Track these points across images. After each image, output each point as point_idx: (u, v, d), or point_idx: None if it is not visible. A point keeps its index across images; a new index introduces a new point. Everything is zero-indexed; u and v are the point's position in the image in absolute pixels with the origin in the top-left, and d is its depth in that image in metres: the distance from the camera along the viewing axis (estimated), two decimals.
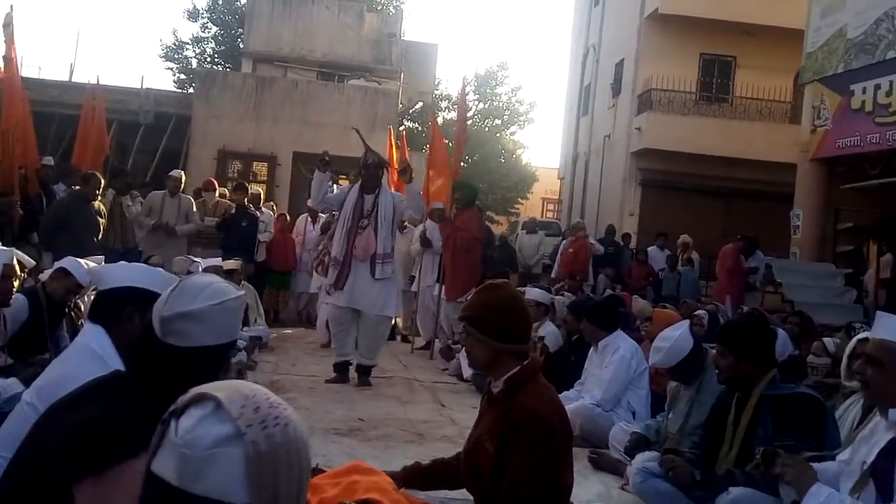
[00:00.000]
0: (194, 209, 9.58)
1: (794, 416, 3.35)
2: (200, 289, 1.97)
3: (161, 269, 2.78)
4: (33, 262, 5.39)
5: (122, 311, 2.56)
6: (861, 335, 3.95)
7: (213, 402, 1.20)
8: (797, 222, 13.96)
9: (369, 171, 6.94)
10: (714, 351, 3.74)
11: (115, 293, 2.65)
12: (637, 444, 4.45)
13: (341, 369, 6.96)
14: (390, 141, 10.85)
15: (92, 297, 3.37)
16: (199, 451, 1.16)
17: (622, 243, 14.83)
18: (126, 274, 2.74)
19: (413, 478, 3.00)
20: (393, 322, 9.59)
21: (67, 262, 4.83)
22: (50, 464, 1.76)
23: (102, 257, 5.72)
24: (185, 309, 1.93)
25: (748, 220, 16.19)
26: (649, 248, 13.63)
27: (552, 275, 13.06)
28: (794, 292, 11.55)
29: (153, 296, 2.51)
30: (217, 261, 7.69)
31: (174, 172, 9.91)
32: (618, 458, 4.64)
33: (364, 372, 6.96)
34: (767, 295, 11.58)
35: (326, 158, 6.91)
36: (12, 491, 1.80)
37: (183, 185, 9.70)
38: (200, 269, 6.78)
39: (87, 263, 4.86)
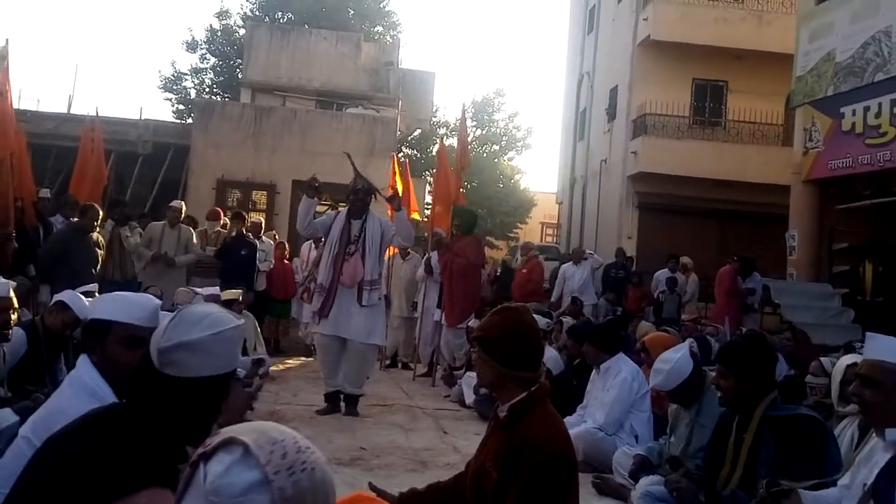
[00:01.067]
0: (194, 240, 9.55)
1: (796, 438, 3.37)
2: (199, 319, 1.94)
3: (146, 298, 2.79)
4: (28, 284, 5.36)
5: (87, 341, 2.61)
6: (848, 359, 3.98)
7: (242, 447, 1.21)
8: (793, 243, 14.04)
9: (357, 197, 6.84)
10: (714, 373, 3.76)
11: (85, 325, 2.72)
12: (640, 468, 4.45)
13: (332, 399, 6.85)
14: (394, 168, 10.91)
15: None
16: (227, 499, 1.18)
17: (632, 267, 14.84)
18: (96, 305, 2.77)
19: (410, 502, 3.00)
20: (380, 350, 9.63)
21: (66, 295, 4.81)
22: (44, 502, 1.73)
23: (96, 286, 5.71)
24: (182, 339, 1.89)
25: (744, 241, 16.30)
26: (658, 272, 13.60)
27: (552, 298, 13.04)
28: (792, 313, 11.58)
29: (109, 325, 2.57)
30: (215, 290, 7.67)
31: (174, 203, 9.88)
32: (622, 483, 4.64)
33: (351, 402, 6.82)
34: (766, 316, 11.60)
35: (315, 184, 6.78)
36: None
37: (183, 216, 9.69)
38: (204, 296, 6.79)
39: (83, 296, 4.86)
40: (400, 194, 7.22)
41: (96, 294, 5.01)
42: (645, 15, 18.50)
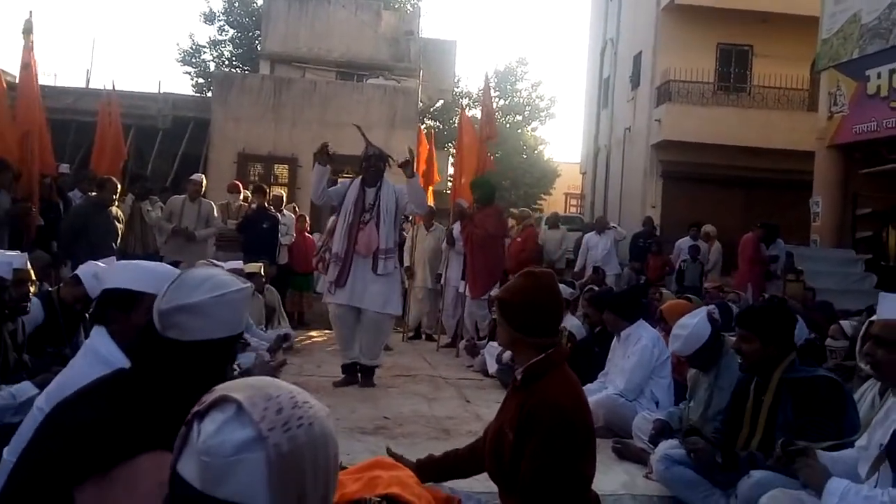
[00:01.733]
0: (215, 213, 9.60)
1: (814, 399, 3.36)
2: (200, 282, 1.92)
3: (160, 267, 2.78)
4: (47, 258, 5.39)
5: (107, 312, 2.60)
6: (874, 318, 3.94)
7: (235, 404, 1.18)
8: (816, 209, 13.88)
9: (370, 164, 6.69)
10: (735, 337, 3.74)
11: (106, 294, 2.71)
12: (661, 432, 4.45)
13: (349, 371, 6.79)
14: (421, 139, 10.88)
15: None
16: (220, 459, 1.15)
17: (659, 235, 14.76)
18: (118, 275, 2.76)
19: (426, 469, 3.01)
20: (403, 321, 9.66)
21: (83, 269, 4.86)
22: (51, 467, 1.75)
23: (114, 258, 5.75)
24: (183, 302, 1.88)
25: (768, 208, 16.12)
26: (680, 240, 13.51)
27: (575, 268, 12.99)
28: (815, 279, 11.48)
29: (137, 295, 2.55)
30: (238, 264, 7.71)
31: (195, 176, 9.92)
32: (642, 448, 4.65)
33: (367, 373, 6.78)
34: (789, 283, 11.50)
35: (328, 151, 6.65)
36: (15, 495, 1.79)
37: (204, 189, 9.73)
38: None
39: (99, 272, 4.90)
40: (413, 161, 6.93)
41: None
42: None
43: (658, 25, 18.83)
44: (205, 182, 9.92)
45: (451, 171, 20.26)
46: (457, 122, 30.68)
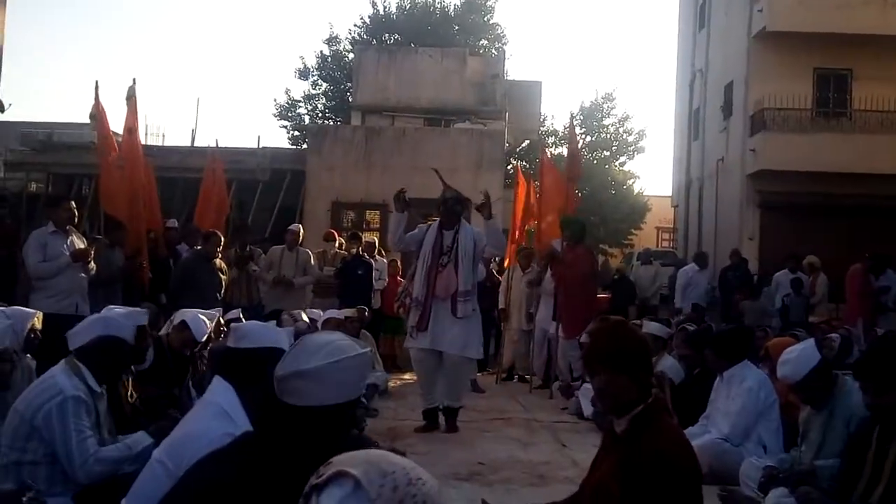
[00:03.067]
0: (312, 261, 9.86)
1: None
2: (319, 347, 1.95)
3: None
4: (155, 310, 5.64)
5: (266, 370, 2.56)
6: None
7: (352, 480, 1.21)
8: None
9: (447, 207, 6.70)
10: (865, 387, 3.49)
11: (258, 352, 2.70)
12: (771, 480, 4.25)
13: (430, 416, 6.75)
14: (519, 178, 10.98)
15: (220, 351, 3.52)
16: None
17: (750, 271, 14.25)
18: (265, 333, 2.82)
19: None
20: (489, 361, 9.53)
21: (189, 315, 5.06)
22: None
23: (219, 311, 5.95)
24: (300, 368, 1.91)
25: (877, 237, 15.33)
26: (778, 273, 13.01)
27: (675, 304, 12.66)
28: None
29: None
30: (336, 313, 7.87)
31: (292, 227, 10.22)
32: (750, 496, 4.46)
33: (450, 415, 6.73)
34: None
35: (404, 197, 6.71)
36: None
37: (301, 239, 10.01)
38: (306, 320, 6.95)
39: (206, 318, 5.09)
40: (490, 203, 6.82)
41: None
42: (760, 6, 17.78)
43: (749, 54, 18.43)
44: (302, 231, 10.21)
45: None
46: (542, 164, 30.73)
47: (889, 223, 16.09)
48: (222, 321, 6.16)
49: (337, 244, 10.88)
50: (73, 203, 7.23)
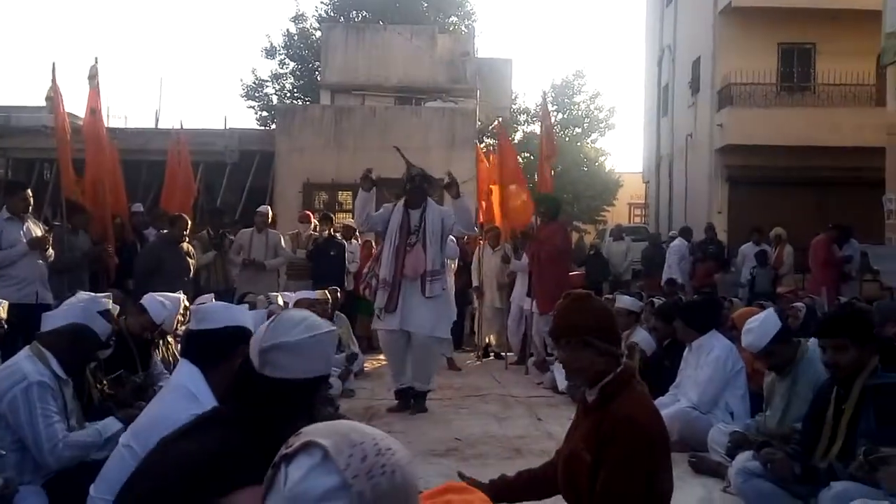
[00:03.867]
0: (283, 243, 9.81)
1: None
2: (296, 322, 2.03)
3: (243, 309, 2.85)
4: (121, 296, 5.60)
5: (234, 350, 2.55)
6: None
7: (321, 451, 1.22)
8: (890, 206, 13.38)
9: (414, 185, 6.60)
10: (821, 346, 3.59)
11: (220, 332, 2.71)
12: (738, 445, 4.35)
13: (402, 396, 6.71)
14: (479, 157, 10.96)
15: (184, 334, 3.51)
16: None
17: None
18: (226, 313, 2.82)
19: (499, 490, 3.01)
20: (465, 339, 9.52)
21: (146, 299, 5.03)
22: (153, 501, 1.84)
23: (182, 293, 5.90)
24: (282, 340, 1.99)
25: (841, 208, 15.63)
26: (743, 246, 13.24)
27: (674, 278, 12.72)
28: (892, 278, 11.06)
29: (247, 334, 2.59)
30: (308, 293, 7.82)
31: (261, 208, 10.13)
32: (718, 461, 4.57)
33: (419, 398, 6.67)
34: (865, 283, 11.13)
35: (371, 176, 6.61)
36: None
37: (270, 220, 9.94)
38: (282, 304, 6.88)
39: (167, 301, 5.06)
40: (456, 182, 6.66)
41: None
42: None
43: (716, 29, 18.55)
44: (271, 213, 10.14)
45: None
46: (517, 138, 30.62)
47: (852, 194, 16.33)
48: (188, 305, 6.13)
49: (312, 226, 10.80)
50: (29, 192, 7.06)
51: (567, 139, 31.91)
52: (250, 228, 9.85)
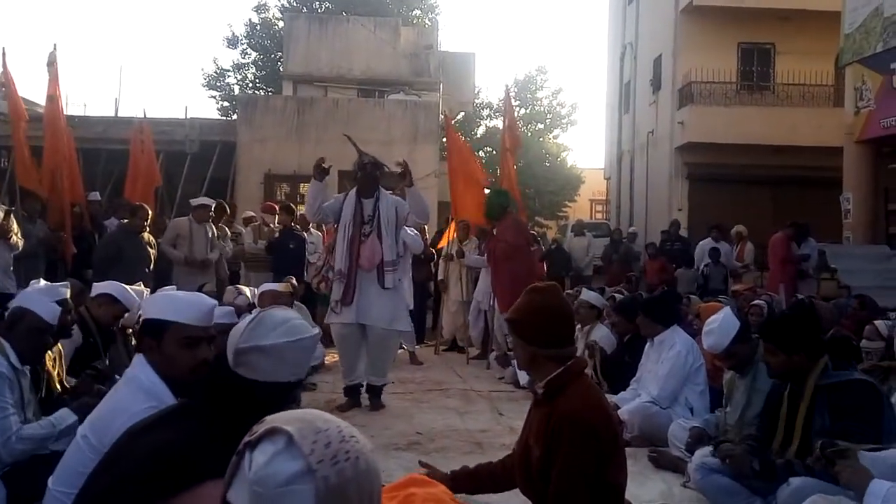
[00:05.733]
0: (216, 234, 9.27)
1: (850, 404, 3.32)
2: (277, 324, 1.99)
3: (200, 298, 2.80)
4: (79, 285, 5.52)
5: (143, 340, 2.62)
6: None
7: (285, 437, 1.22)
8: (847, 206, 13.73)
9: (366, 173, 6.34)
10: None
11: (143, 323, 2.74)
12: (698, 440, 4.42)
13: (353, 393, 6.47)
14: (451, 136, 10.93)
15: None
16: (270, 489, 1.19)
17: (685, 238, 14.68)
18: (156, 305, 2.76)
19: (460, 480, 3.03)
20: (427, 332, 9.39)
21: (112, 287, 4.96)
22: (119, 491, 1.81)
23: (142, 283, 5.82)
24: (259, 343, 1.95)
25: (799, 207, 15.93)
26: (702, 242, 13.42)
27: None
28: (849, 277, 11.33)
29: (167, 325, 2.57)
30: (273, 286, 7.71)
31: (205, 200, 9.48)
32: (678, 456, 4.61)
33: (375, 393, 6.48)
34: (823, 282, 11.37)
35: (324, 166, 6.33)
36: None
37: (228, 212, 9.60)
38: (249, 296, 6.78)
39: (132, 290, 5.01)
40: (409, 171, 6.45)
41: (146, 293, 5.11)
42: None
43: (677, 27, 18.76)
44: (213, 205, 9.50)
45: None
46: (479, 133, 30.59)
47: (810, 193, 16.68)
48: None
49: (276, 218, 10.64)
50: None
51: (529, 134, 32.10)
52: (185, 217, 9.24)
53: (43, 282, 4.07)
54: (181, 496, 1.71)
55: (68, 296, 4.08)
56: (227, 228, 9.94)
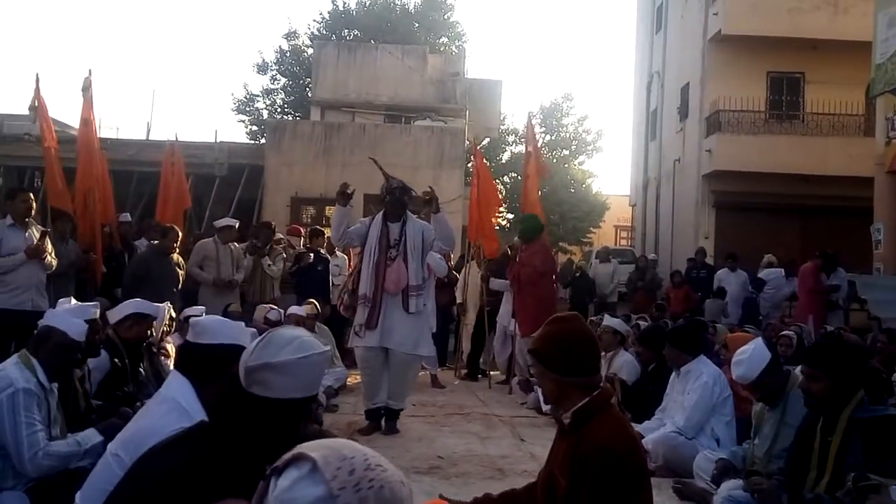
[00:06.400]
0: (242, 254, 9.33)
1: (886, 441, 3.24)
2: (287, 342, 1.99)
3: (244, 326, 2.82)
4: (108, 305, 5.60)
5: (229, 368, 2.50)
6: None
7: (310, 463, 1.23)
8: (878, 237, 13.55)
9: (394, 197, 6.31)
10: (801, 373, 3.64)
11: (217, 349, 2.69)
12: (724, 472, 4.34)
13: (374, 416, 6.42)
14: (479, 166, 11.00)
15: (180, 346, 3.49)
16: None
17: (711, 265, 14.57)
18: (226, 330, 2.79)
19: None
20: (448, 356, 9.34)
21: (134, 305, 5.01)
22: None
23: (168, 305, 5.88)
24: (269, 360, 1.95)
25: (828, 237, 15.73)
26: (719, 272, 13.29)
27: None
28: (879, 308, 11.15)
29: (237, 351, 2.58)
30: (298, 310, 7.78)
31: (229, 221, 9.56)
32: (703, 487, 4.54)
33: (392, 417, 6.41)
34: (852, 313, 11.18)
35: (348, 191, 6.33)
36: None
37: (235, 234, 9.38)
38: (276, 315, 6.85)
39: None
40: (436, 197, 6.47)
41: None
42: (715, 10, 18.12)
43: (705, 56, 18.74)
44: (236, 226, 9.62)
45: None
46: (504, 158, 30.63)
47: (839, 223, 16.49)
48: (174, 315, 6.09)
49: (301, 241, 10.73)
50: (30, 194, 7.05)
51: (555, 160, 32.16)
52: (210, 239, 9.30)
53: (73, 301, 4.13)
54: None
55: (97, 315, 4.13)
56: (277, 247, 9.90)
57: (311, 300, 8.35)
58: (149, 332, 4.99)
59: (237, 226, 9.49)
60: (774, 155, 16.95)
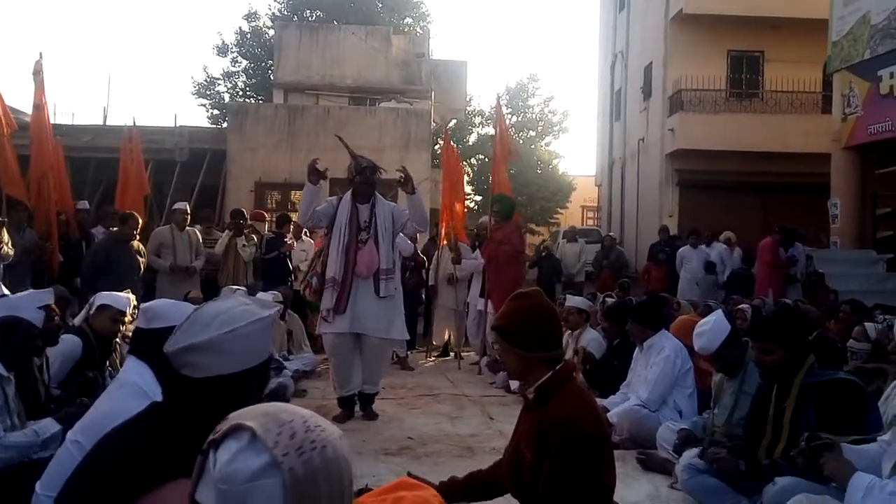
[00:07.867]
0: (200, 240, 9.20)
1: (836, 403, 3.34)
2: (212, 318, 1.88)
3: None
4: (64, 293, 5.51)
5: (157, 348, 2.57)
6: None
7: (249, 432, 1.21)
8: (835, 211, 13.82)
9: (364, 177, 6.11)
10: (752, 348, 3.72)
11: (168, 332, 2.68)
12: (685, 442, 4.43)
13: (347, 404, 6.28)
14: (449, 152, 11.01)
15: (133, 332, 3.46)
16: (236, 486, 1.18)
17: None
18: (177, 312, 2.76)
19: (450, 491, 3.01)
20: (418, 339, 9.38)
21: (102, 297, 4.95)
22: (89, 495, 1.80)
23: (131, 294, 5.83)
24: (191, 341, 1.85)
25: (787, 213, 16.01)
26: (682, 248, 13.43)
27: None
28: (836, 281, 11.40)
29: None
30: (266, 296, 7.72)
31: (180, 205, 9.30)
32: (666, 458, 4.64)
33: (368, 401, 6.33)
34: (810, 286, 11.41)
35: (318, 168, 6.00)
36: None
37: (189, 218, 9.26)
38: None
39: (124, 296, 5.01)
40: (411, 178, 6.22)
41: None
42: None
43: (667, 35, 18.86)
44: (189, 210, 9.47)
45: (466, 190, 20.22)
46: (471, 140, 30.62)
47: (798, 199, 16.78)
48: (137, 304, 6.02)
49: (266, 225, 10.66)
50: None
51: (521, 142, 32.18)
52: (168, 226, 9.14)
53: (22, 292, 4.08)
54: (141, 500, 1.69)
55: (52, 302, 4.07)
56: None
57: (276, 293, 8.27)
58: (117, 321, 4.91)
59: (187, 208, 9.19)
60: (735, 133, 17.16)
